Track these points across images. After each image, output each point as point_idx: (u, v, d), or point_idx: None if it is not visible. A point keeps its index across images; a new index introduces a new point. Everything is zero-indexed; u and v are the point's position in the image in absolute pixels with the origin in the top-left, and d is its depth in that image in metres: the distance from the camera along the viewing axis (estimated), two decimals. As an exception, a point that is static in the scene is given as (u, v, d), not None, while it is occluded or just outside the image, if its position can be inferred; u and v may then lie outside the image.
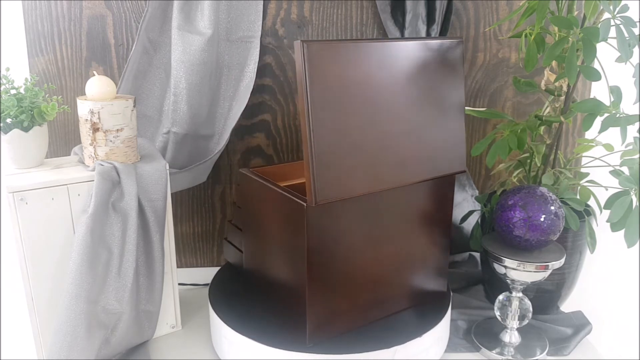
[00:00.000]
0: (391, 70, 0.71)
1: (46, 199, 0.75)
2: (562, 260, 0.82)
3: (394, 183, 0.74)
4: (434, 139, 0.77)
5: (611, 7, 0.76)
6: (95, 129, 0.78)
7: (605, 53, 0.81)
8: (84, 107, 0.78)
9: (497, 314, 0.88)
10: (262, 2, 1.02)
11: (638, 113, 0.78)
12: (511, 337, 0.88)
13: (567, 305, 0.99)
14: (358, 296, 0.79)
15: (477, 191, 1.13)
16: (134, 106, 0.81)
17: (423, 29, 1.02)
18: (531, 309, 0.86)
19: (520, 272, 0.81)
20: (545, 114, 0.93)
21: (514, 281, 0.84)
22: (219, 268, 0.99)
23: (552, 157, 0.95)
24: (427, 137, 0.76)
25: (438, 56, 0.76)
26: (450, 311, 0.87)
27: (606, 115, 0.79)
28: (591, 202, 0.92)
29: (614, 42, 0.77)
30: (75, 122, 1.06)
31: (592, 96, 1.09)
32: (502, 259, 0.82)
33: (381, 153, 0.72)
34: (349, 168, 0.69)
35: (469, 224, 1.07)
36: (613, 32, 0.75)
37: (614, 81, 0.81)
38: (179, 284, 1.01)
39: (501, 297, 0.87)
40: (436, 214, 0.84)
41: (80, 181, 0.78)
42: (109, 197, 0.78)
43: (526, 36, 0.86)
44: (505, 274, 0.83)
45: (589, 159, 0.95)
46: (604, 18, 0.82)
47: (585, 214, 0.91)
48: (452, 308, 0.93)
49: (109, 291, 0.78)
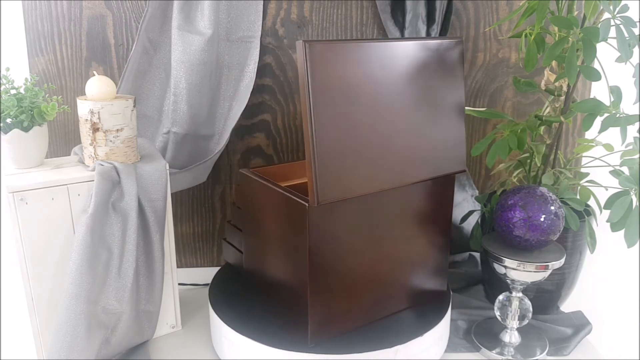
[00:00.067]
0: (392, 70, 0.71)
1: (46, 199, 0.75)
2: (562, 260, 0.82)
3: (394, 183, 0.74)
4: (434, 138, 0.77)
5: (611, 7, 0.76)
6: (95, 129, 0.78)
7: (605, 53, 0.81)
8: (84, 107, 0.78)
9: (497, 314, 0.88)
10: (262, 2, 1.01)
11: (638, 113, 0.78)
12: (511, 337, 0.88)
13: (567, 305, 0.99)
14: (358, 296, 0.79)
15: (477, 191, 1.13)
16: (134, 106, 0.81)
17: (423, 29, 1.01)
18: (531, 309, 0.86)
19: (520, 272, 0.81)
20: (545, 114, 0.93)
21: (514, 281, 0.84)
22: (219, 268, 0.99)
23: (552, 157, 0.95)
24: (427, 137, 0.76)
25: (438, 56, 0.76)
26: (450, 311, 0.87)
27: (606, 115, 0.79)
28: (591, 202, 0.92)
29: (614, 42, 0.77)
30: (75, 122, 1.06)
31: (592, 96, 1.09)
32: (502, 259, 0.82)
33: (382, 153, 0.72)
34: (350, 168, 0.69)
35: (469, 224, 1.07)
36: (613, 32, 0.75)
37: (614, 81, 0.81)
38: (179, 284, 1.01)
39: (501, 297, 0.87)
40: (436, 214, 0.84)
41: (80, 181, 0.78)
42: (109, 197, 0.78)
43: (526, 36, 0.86)
44: (505, 274, 0.83)
45: (589, 159, 0.95)
46: (604, 18, 0.82)
47: (585, 214, 0.91)
48: (452, 308, 0.93)
49: (109, 291, 0.78)
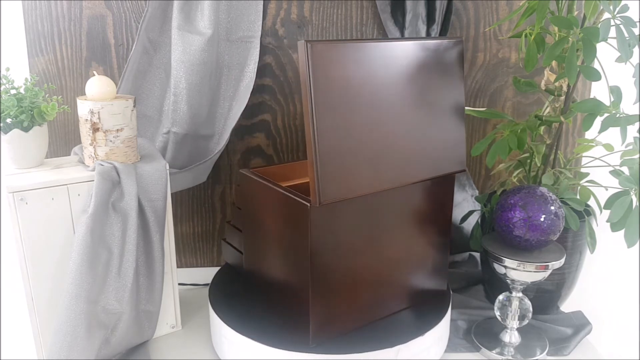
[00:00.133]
0: (392, 70, 0.71)
1: (46, 199, 0.75)
2: (562, 260, 0.82)
3: (394, 183, 0.74)
4: (434, 138, 0.77)
5: (611, 7, 0.76)
6: (95, 129, 0.78)
7: (605, 53, 0.81)
8: (84, 107, 0.78)
9: (497, 314, 0.88)
10: (262, 2, 1.01)
11: (638, 113, 0.78)
12: (511, 337, 0.88)
13: (567, 305, 0.99)
14: (359, 296, 0.79)
15: (477, 191, 1.13)
16: (134, 106, 0.81)
17: (423, 29, 1.01)
18: (531, 309, 0.86)
19: (520, 272, 0.81)
20: (545, 114, 0.93)
21: (514, 281, 0.84)
22: (219, 268, 0.99)
23: (552, 157, 0.95)
24: (427, 136, 0.76)
25: (438, 56, 0.76)
26: (450, 311, 0.87)
27: (606, 115, 0.79)
28: (591, 202, 0.92)
29: (614, 42, 0.77)
30: (75, 122, 1.06)
31: (592, 96, 1.09)
32: (502, 259, 0.82)
33: (382, 153, 0.72)
34: (352, 168, 0.69)
35: (469, 224, 1.07)
36: (613, 32, 0.75)
37: (614, 81, 0.81)
38: (179, 284, 1.01)
39: (501, 297, 0.87)
40: (436, 214, 0.84)
41: (80, 181, 0.78)
42: (109, 197, 0.78)
43: (526, 36, 0.86)
44: (505, 274, 0.83)
45: (589, 159, 0.95)
46: (604, 18, 0.82)
47: (585, 214, 0.91)
48: (452, 308, 0.93)
49: (109, 291, 0.78)
